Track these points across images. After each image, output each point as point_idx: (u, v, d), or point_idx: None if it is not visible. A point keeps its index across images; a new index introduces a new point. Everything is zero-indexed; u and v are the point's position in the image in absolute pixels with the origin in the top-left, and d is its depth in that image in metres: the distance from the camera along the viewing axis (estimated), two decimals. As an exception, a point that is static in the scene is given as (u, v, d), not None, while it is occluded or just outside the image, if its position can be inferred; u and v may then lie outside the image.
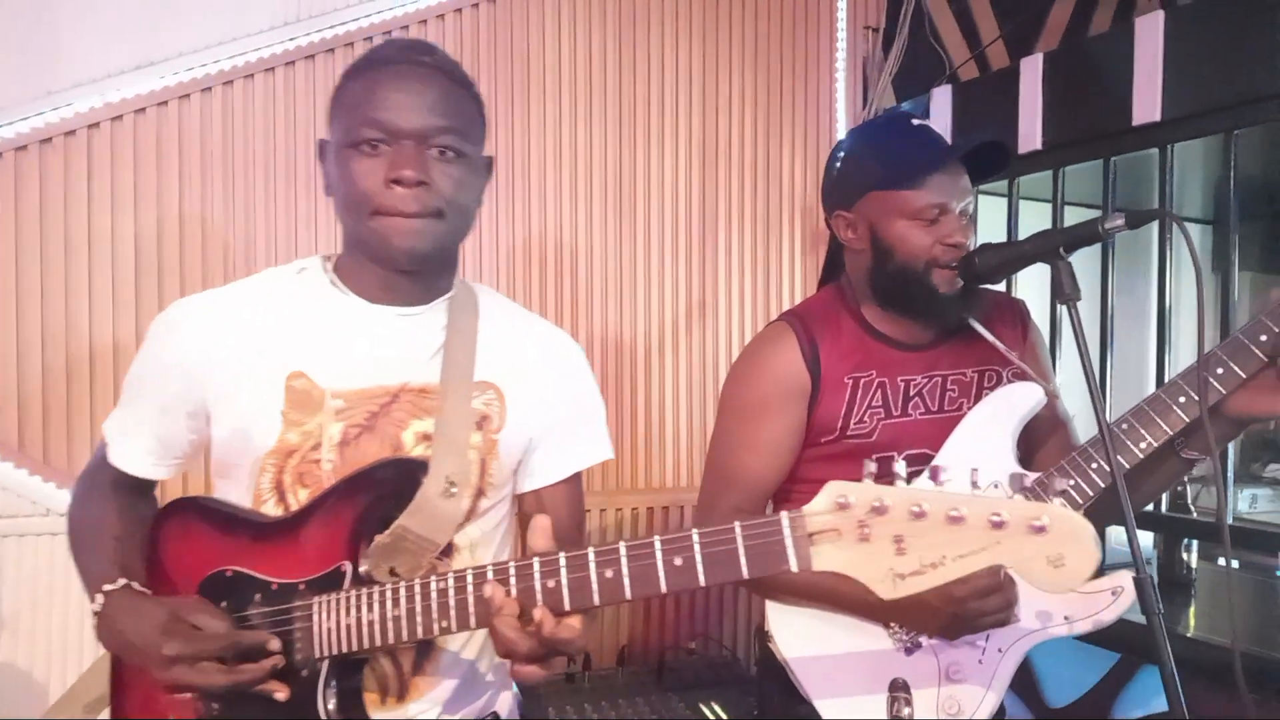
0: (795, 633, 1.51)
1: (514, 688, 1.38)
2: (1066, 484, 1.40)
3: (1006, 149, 1.55)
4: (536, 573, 0.99)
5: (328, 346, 1.20)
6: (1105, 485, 1.40)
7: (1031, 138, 2.36)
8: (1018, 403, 1.51)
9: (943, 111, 2.63)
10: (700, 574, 0.93)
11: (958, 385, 1.58)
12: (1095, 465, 1.41)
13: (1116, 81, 2.15)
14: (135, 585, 1.18)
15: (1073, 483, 1.41)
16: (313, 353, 1.19)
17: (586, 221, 2.67)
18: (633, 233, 2.73)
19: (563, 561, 0.98)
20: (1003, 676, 1.43)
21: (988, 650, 1.44)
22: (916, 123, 1.58)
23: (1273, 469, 2.76)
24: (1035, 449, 1.60)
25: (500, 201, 2.56)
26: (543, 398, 1.28)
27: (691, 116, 2.79)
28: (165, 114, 2.23)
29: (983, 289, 1.55)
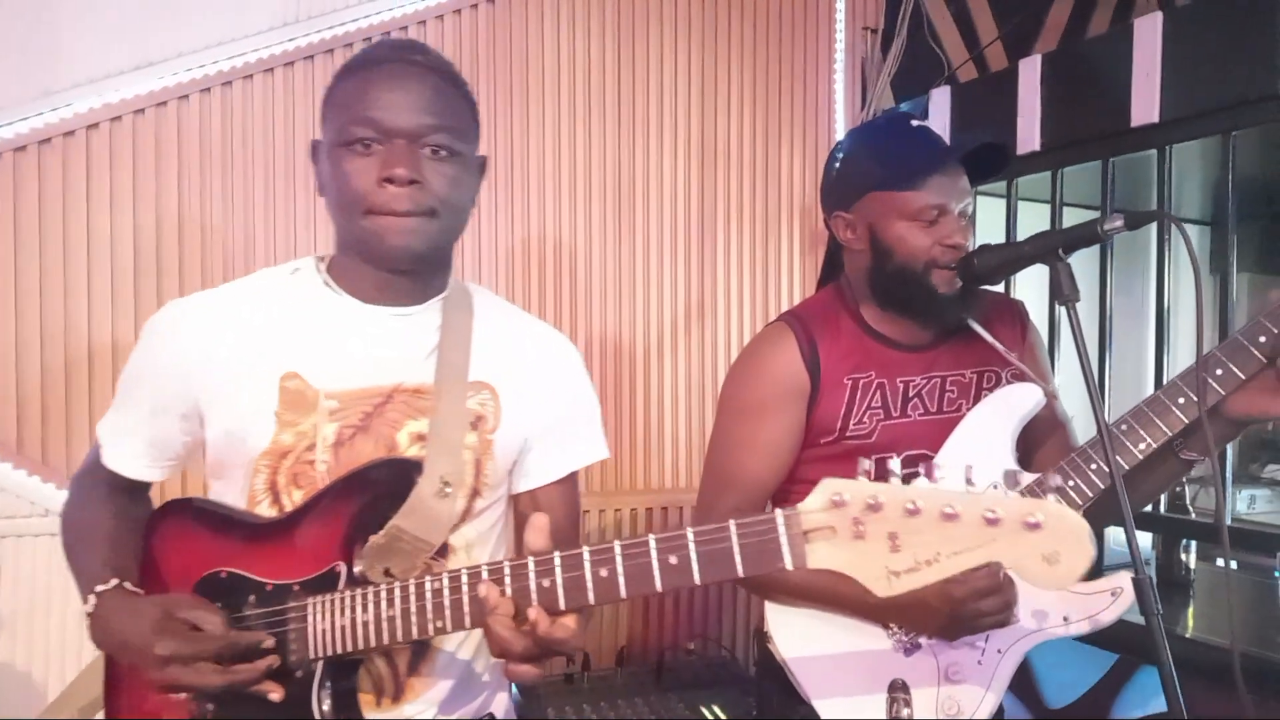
0: (794, 633, 1.51)
1: (513, 688, 1.37)
2: (1061, 482, 1.40)
3: (1006, 150, 1.56)
4: (531, 572, 0.99)
5: (321, 347, 1.19)
6: (1104, 486, 1.40)
7: (1030, 139, 2.36)
8: (1017, 403, 1.51)
9: (941, 112, 2.63)
10: (695, 573, 0.93)
11: (957, 386, 1.58)
12: (1094, 466, 1.41)
13: (1115, 83, 2.15)
14: (128, 585, 1.17)
15: (1072, 483, 1.41)
16: (306, 353, 1.18)
17: (586, 222, 2.67)
18: (632, 233, 2.73)
19: (557, 561, 0.98)
20: (1002, 677, 1.44)
21: (987, 651, 1.44)
22: (916, 124, 1.58)
23: (1271, 470, 2.76)
24: (1034, 450, 1.60)
25: (499, 202, 2.56)
26: (538, 398, 1.28)
27: (691, 117, 2.79)
28: (164, 114, 2.22)
29: (981, 290, 1.56)
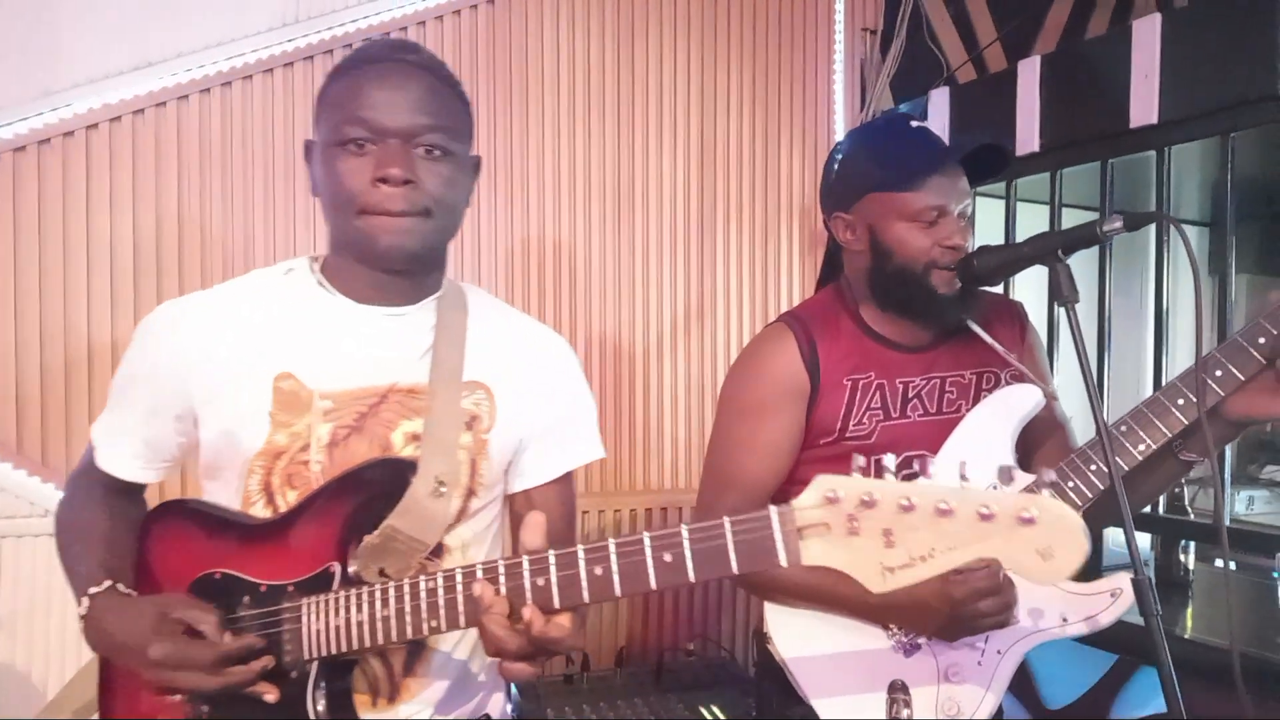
0: (794, 633, 1.50)
1: (512, 689, 1.37)
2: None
3: (1006, 151, 1.56)
4: (526, 571, 0.98)
5: (315, 347, 1.19)
6: (1104, 487, 1.40)
7: (1029, 140, 2.36)
8: (1016, 404, 1.51)
9: (940, 114, 2.63)
10: (690, 570, 0.93)
11: (956, 387, 1.58)
12: (1094, 467, 1.41)
13: (1114, 84, 2.15)
14: (120, 587, 1.17)
15: (1072, 484, 1.41)
16: (300, 354, 1.18)
17: (585, 223, 2.67)
18: (631, 234, 2.73)
19: (552, 559, 0.97)
20: (1002, 678, 1.44)
21: (987, 652, 1.44)
22: (915, 125, 1.58)
23: (1270, 471, 2.76)
24: (1033, 450, 1.60)
25: (499, 202, 2.55)
26: (533, 397, 1.27)
27: (690, 118, 2.79)
28: (164, 115, 2.23)
29: (981, 291, 1.56)
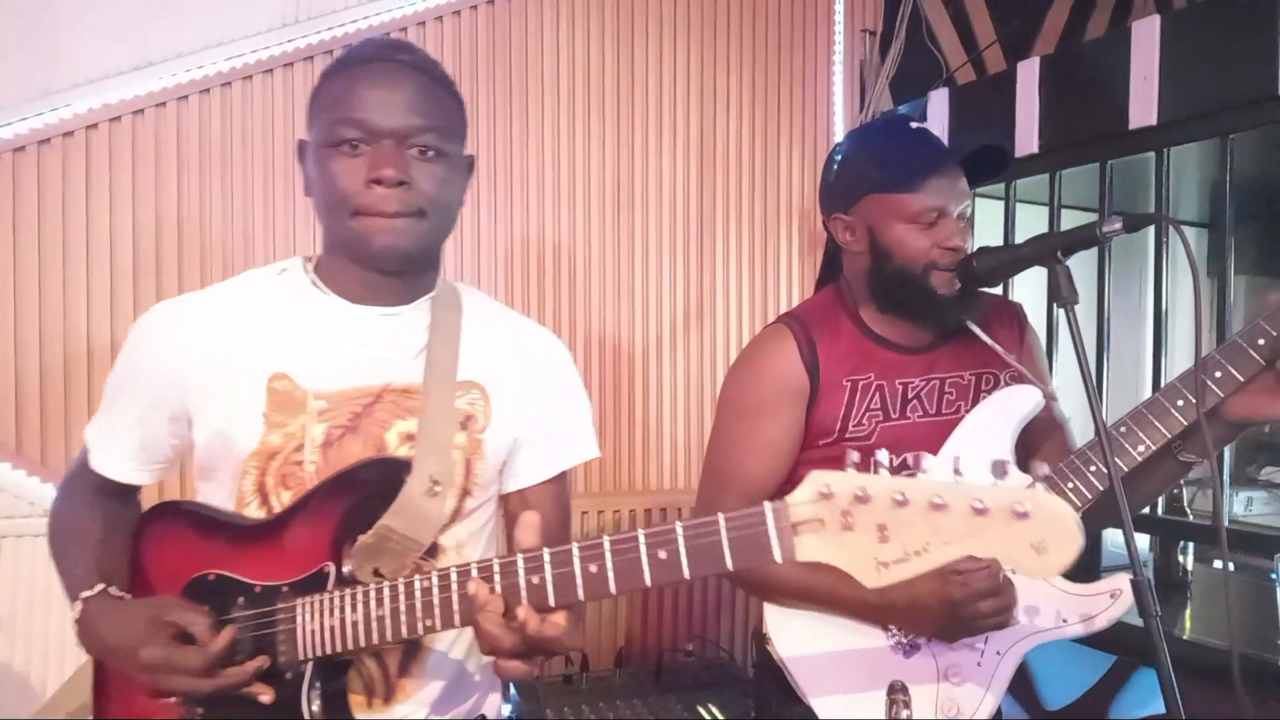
0: (793, 634, 1.50)
1: (511, 689, 1.37)
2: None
3: (1005, 152, 1.56)
4: (521, 569, 0.98)
5: (309, 347, 1.18)
6: (1104, 488, 1.40)
7: (1028, 141, 2.36)
8: (1015, 405, 1.51)
9: (940, 115, 2.63)
10: (685, 567, 0.92)
11: (956, 388, 1.58)
12: (1094, 468, 1.41)
13: (1113, 85, 2.15)
14: (113, 590, 1.17)
15: (1071, 485, 1.41)
16: (294, 354, 1.18)
17: (585, 223, 2.67)
18: (631, 235, 2.73)
19: (547, 557, 0.97)
20: (1001, 679, 1.44)
21: (986, 652, 1.44)
22: (915, 126, 1.58)
23: (1268, 472, 2.76)
24: (1033, 451, 1.60)
25: (499, 203, 2.55)
26: (528, 397, 1.27)
27: (690, 119, 2.79)
28: (163, 115, 2.23)
29: (980, 292, 1.56)
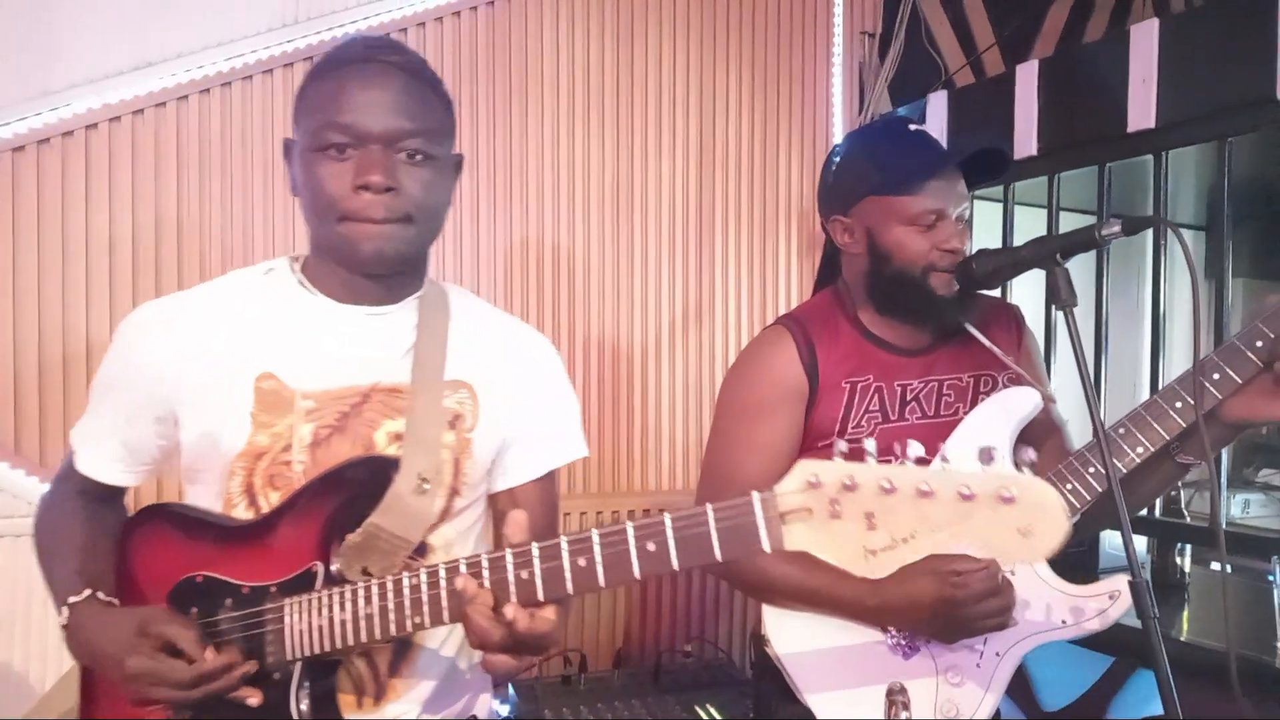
0: (791, 633, 1.50)
1: (510, 689, 1.37)
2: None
3: (1004, 154, 1.56)
4: (509, 564, 0.97)
5: (297, 347, 1.18)
6: (1102, 490, 1.41)
7: (1027, 144, 2.37)
8: (1014, 407, 1.52)
9: (939, 117, 2.64)
10: (673, 558, 0.92)
11: (954, 390, 1.58)
12: (1092, 469, 1.41)
13: (1111, 88, 2.16)
14: (101, 595, 1.16)
15: (1070, 487, 1.42)
16: (282, 353, 1.17)
17: (584, 225, 2.68)
18: (630, 236, 2.73)
19: (535, 552, 0.97)
20: (1000, 680, 1.44)
21: (985, 654, 1.44)
22: (913, 128, 1.59)
23: (1265, 474, 2.77)
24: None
25: (499, 204, 2.55)
26: (516, 396, 1.26)
27: (689, 120, 2.80)
28: (163, 115, 2.23)
29: (978, 294, 1.56)
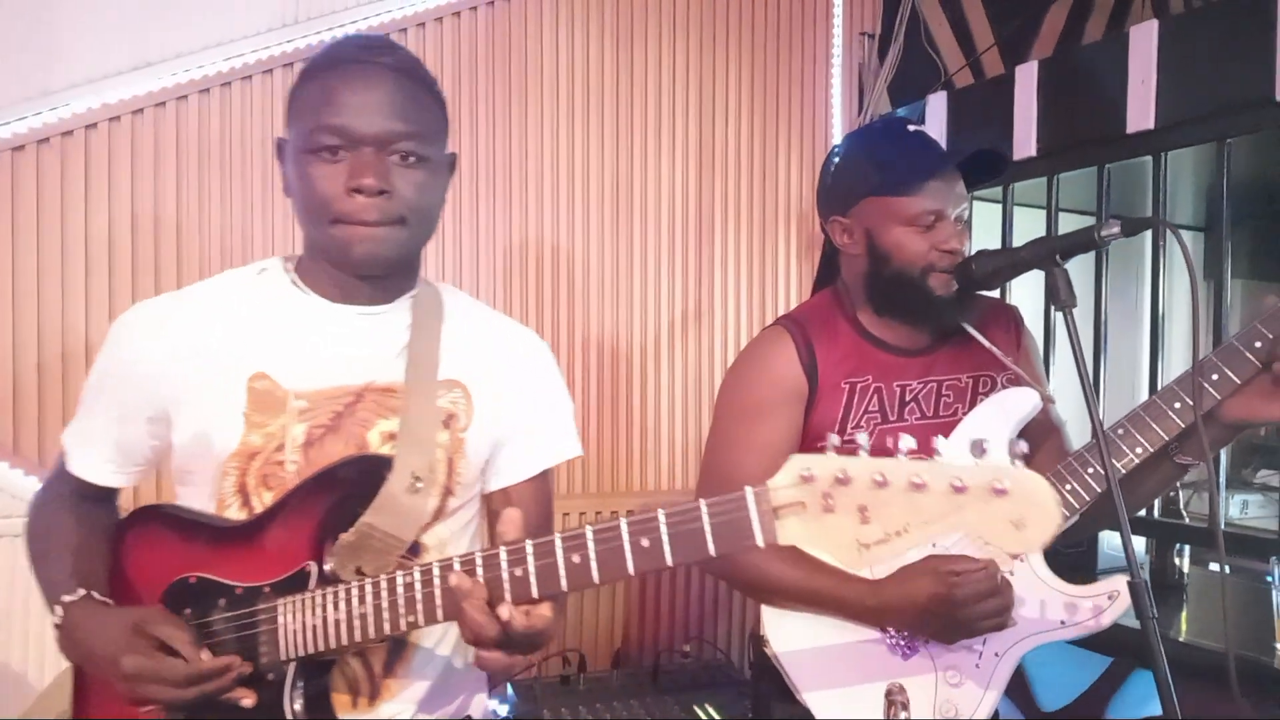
0: (790, 632, 1.51)
1: (509, 688, 1.37)
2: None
3: (1003, 155, 1.56)
4: (504, 561, 0.97)
5: (290, 347, 1.18)
6: (1101, 490, 1.41)
7: (1026, 144, 2.37)
8: (1013, 408, 1.52)
9: (938, 118, 2.64)
10: (667, 554, 0.92)
11: (953, 391, 1.59)
12: (1091, 470, 1.42)
13: (1110, 89, 2.16)
14: (96, 595, 1.15)
15: (1069, 487, 1.42)
16: (275, 353, 1.17)
17: (584, 225, 2.68)
18: (630, 237, 2.73)
19: (529, 549, 0.97)
20: (1000, 680, 1.44)
21: (984, 654, 1.44)
22: (912, 128, 1.59)
23: (1263, 475, 2.77)
24: (1030, 454, 1.59)
25: (498, 204, 2.55)
26: (510, 396, 1.26)
27: (689, 121, 2.80)
28: (163, 115, 2.22)
29: (977, 295, 1.56)
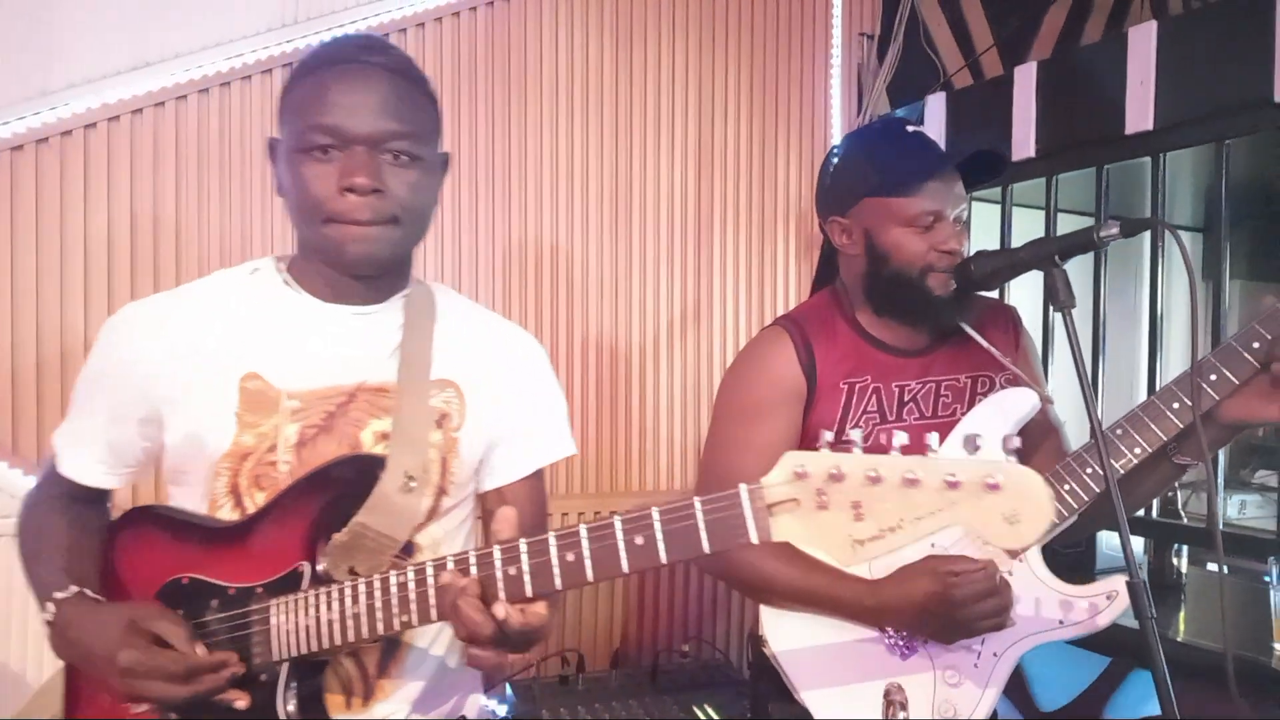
0: (788, 631, 1.51)
1: (508, 688, 1.37)
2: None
3: (1002, 156, 1.57)
4: (498, 560, 0.97)
5: (282, 347, 1.17)
6: (1099, 490, 1.41)
7: (1025, 145, 2.37)
8: (1011, 408, 1.52)
9: (937, 119, 2.64)
10: (661, 551, 0.92)
11: (951, 391, 1.59)
12: (1090, 470, 1.42)
13: (1109, 90, 2.16)
14: (89, 592, 1.14)
15: (1067, 487, 1.42)
16: (267, 353, 1.16)
17: (583, 226, 2.68)
18: (628, 237, 2.73)
19: (523, 547, 0.97)
20: (998, 680, 1.44)
21: (983, 654, 1.45)
22: (911, 129, 1.59)
23: (1261, 475, 2.78)
24: (1028, 455, 1.60)
25: (497, 205, 2.55)
26: (503, 395, 1.26)
27: (688, 121, 2.80)
28: (162, 115, 2.22)
29: (975, 296, 1.57)
